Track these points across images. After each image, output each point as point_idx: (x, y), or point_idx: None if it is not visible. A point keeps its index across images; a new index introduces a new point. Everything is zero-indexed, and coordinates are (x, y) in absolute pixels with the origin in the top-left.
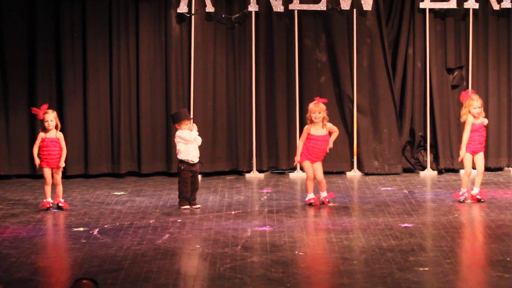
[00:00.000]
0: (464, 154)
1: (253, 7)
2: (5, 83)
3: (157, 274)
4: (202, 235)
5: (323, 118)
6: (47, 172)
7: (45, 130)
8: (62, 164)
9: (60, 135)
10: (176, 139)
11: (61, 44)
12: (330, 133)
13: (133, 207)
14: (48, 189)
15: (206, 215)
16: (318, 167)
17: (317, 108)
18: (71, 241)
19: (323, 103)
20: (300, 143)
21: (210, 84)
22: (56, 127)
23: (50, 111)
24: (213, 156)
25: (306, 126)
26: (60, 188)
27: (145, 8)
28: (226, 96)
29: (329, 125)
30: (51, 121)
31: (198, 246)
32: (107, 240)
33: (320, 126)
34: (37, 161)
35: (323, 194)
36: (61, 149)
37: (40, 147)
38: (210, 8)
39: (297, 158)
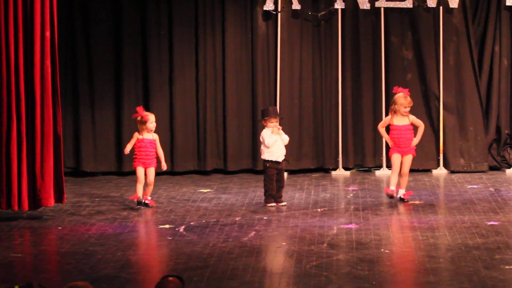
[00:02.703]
0: None
1: (339, 5)
2: (92, 82)
3: (243, 271)
4: (288, 233)
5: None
6: (140, 170)
7: (141, 131)
8: (165, 165)
9: (156, 137)
10: (261, 139)
11: (147, 42)
12: (412, 125)
13: (219, 205)
14: (140, 187)
15: (292, 213)
16: (408, 160)
17: (407, 102)
18: (157, 238)
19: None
20: (381, 129)
21: (296, 81)
22: None
23: (149, 113)
24: (299, 154)
25: (388, 117)
26: (151, 188)
27: (231, 6)
28: (312, 93)
29: (412, 117)
30: (154, 122)
31: (284, 243)
32: (193, 237)
33: (403, 117)
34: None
35: (402, 191)
36: (156, 150)
37: (136, 147)
38: (296, 6)
39: (390, 142)
